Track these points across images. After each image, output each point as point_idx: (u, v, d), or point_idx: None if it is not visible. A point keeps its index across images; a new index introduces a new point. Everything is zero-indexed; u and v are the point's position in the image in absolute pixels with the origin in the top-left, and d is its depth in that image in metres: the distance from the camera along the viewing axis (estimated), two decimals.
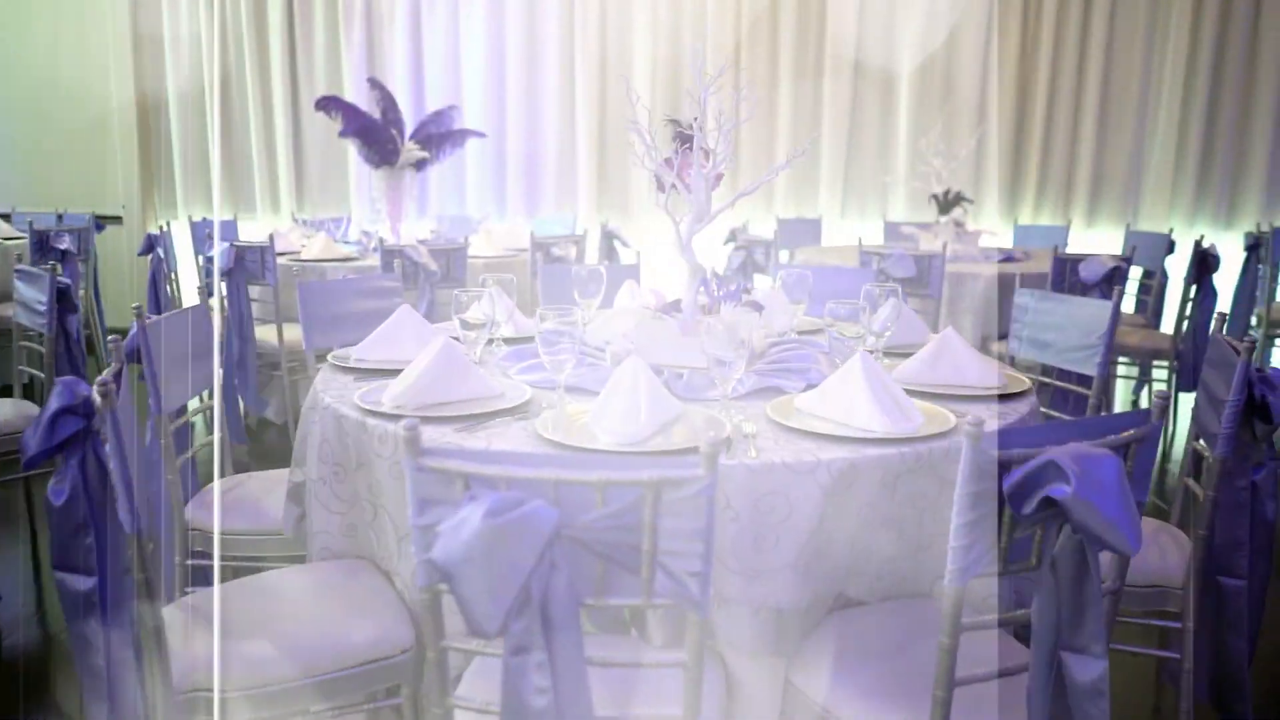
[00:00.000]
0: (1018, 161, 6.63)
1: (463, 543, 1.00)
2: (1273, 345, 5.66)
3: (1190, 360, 4.47)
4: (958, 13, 6.49)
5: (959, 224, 4.81)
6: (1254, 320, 5.47)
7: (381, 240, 3.99)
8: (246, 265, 4.01)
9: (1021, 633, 1.67)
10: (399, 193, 4.86)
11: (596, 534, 1.08)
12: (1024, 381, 1.99)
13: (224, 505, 2.14)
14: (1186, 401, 4.83)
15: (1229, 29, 6.31)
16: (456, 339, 2.19)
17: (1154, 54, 6.45)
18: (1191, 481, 2.03)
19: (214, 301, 5.13)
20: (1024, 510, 1.17)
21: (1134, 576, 1.92)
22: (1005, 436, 1.21)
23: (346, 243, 4.93)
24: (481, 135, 5.15)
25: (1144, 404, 5.22)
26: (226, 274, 3.97)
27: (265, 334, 4.19)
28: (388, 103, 4.83)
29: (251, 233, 6.10)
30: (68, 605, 1.46)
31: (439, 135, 4.91)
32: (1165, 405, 1.33)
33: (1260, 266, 5.32)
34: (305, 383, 4.55)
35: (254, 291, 4.15)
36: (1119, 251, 5.51)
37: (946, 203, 4.87)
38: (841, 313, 1.94)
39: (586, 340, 2.11)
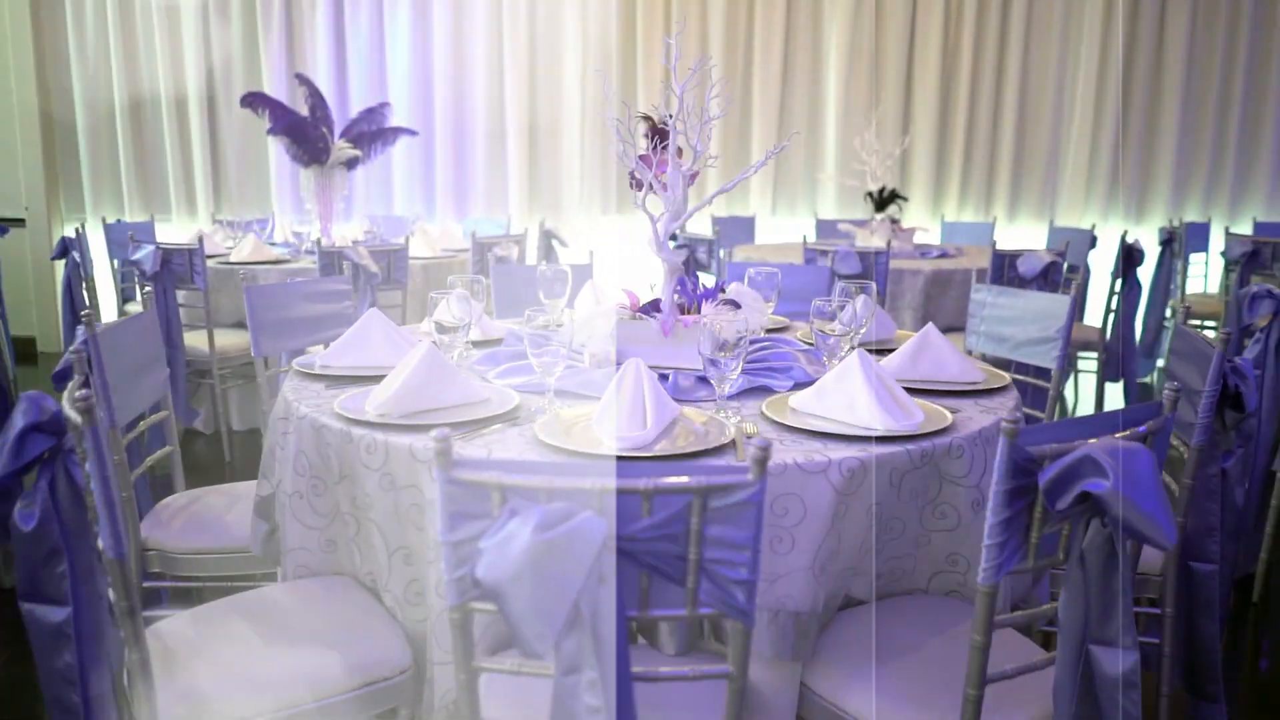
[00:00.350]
0: (941, 160, 6.80)
1: (512, 560, 0.95)
2: None
3: (1117, 351, 4.63)
4: (881, 16, 6.62)
5: (895, 221, 4.88)
6: (1168, 312, 5.71)
7: (318, 242, 3.84)
8: (173, 268, 3.82)
9: (1022, 629, 1.69)
10: (329, 192, 4.70)
11: (643, 544, 1.03)
12: (1003, 377, 2.01)
13: (183, 522, 2.02)
14: (1112, 390, 5.02)
15: (1137, 37, 6.60)
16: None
17: (1068, 58, 6.69)
18: None
19: (133, 307, 4.90)
20: (1059, 505, 1.17)
21: None
22: (1033, 433, 1.20)
23: (273, 244, 4.75)
24: (414, 133, 5.03)
25: (1069, 394, 5.39)
26: (152, 278, 3.77)
27: (193, 340, 4.00)
28: (316, 99, 4.67)
29: (168, 235, 5.83)
30: (38, 639, 1.35)
31: (370, 133, 4.77)
32: (1176, 398, 1.35)
33: (1175, 260, 5.55)
34: (239, 390, 4.39)
35: (180, 296, 3.96)
36: (1042, 245, 5.69)
37: (882, 200, 4.94)
38: (829, 311, 1.92)
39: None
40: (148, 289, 3.78)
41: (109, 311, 5.03)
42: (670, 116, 2.08)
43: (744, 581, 1.06)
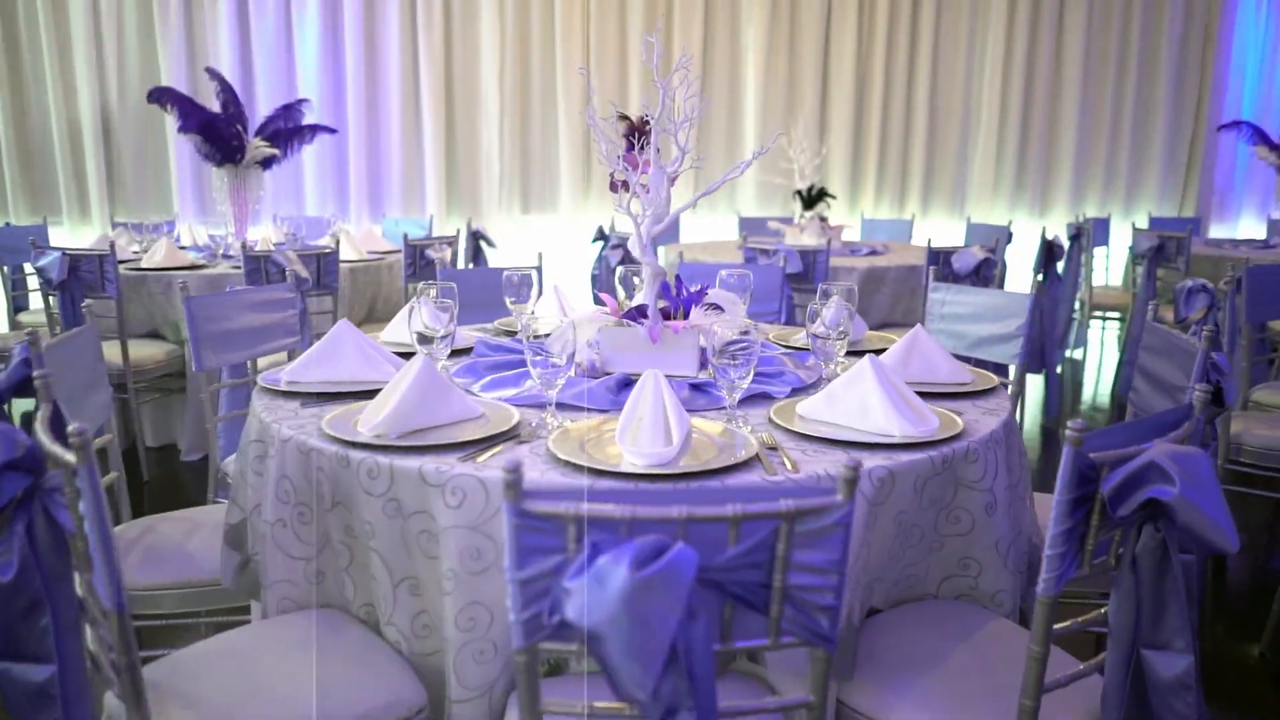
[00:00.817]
0: (857, 159, 6.93)
1: (610, 600, 0.88)
2: (1088, 326, 6.19)
3: (1038, 344, 4.77)
4: (796, 20, 6.70)
5: (823, 219, 4.92)
6: (1076, 304, 5.93)
7: (243, 246, 3.64)
8: (82, 275, 3.56)
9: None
10: (245, 193, 4.47)
11: (730, 574, 0.97)
12: (991, 378, 2.01)
13: (139, 555, 1.85)
14: (1033, 382, 5.18)
15: (1037, 46, 6.92)
16: (405, 355, 2.01)
17: (974, 66, 6.96)
18: None
19: (26, 317, 4.55)
20: (1121, 512, 1.16)
21: None
22: (1093, 439, 1.19)
23: (183, 248, 4.49)
24: (333, 131, 4.84)
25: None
26: (59, 286, 3.51)
27: (105, 352, 3.72)
28: (229, 95, 4.44)
29: (60, 239, 5.46)
30: (16, 701, 1.20)
31: (287, 131, 4.56)
32: (1207, 399, 1.36)
33: (1083, 254, 5.77)
34: (152, 405, 4.12)
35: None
36: (958, 240, 5.85)
37: (810, 199, 4.98)
38: (816, 313, 1.89)
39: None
40: (90, 302, 3.50)
41: None
42: (651, 116, 2.02)
43: (829, 607, 1.01)
